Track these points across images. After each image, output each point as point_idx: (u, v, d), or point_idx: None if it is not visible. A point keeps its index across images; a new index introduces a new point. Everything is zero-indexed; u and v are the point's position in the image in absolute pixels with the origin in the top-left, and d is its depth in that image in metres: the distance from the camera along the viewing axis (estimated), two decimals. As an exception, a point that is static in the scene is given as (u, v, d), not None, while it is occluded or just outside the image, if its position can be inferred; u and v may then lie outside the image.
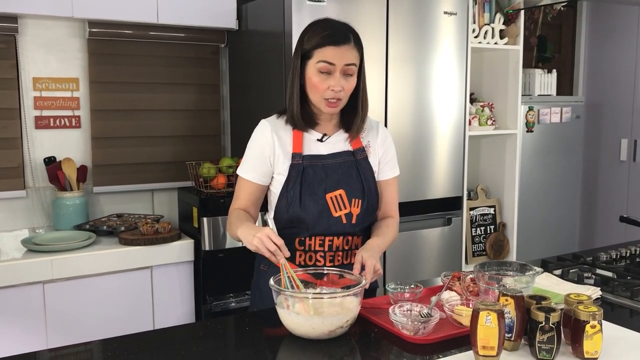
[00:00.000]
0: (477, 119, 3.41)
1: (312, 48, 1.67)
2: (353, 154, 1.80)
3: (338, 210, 1.74)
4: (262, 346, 1.46)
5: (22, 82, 2.79)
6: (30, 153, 2.83)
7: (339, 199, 1.74)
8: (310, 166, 1.74)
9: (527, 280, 1.59)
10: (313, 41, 1.68)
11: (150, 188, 3.12)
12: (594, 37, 4.48)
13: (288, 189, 1.73)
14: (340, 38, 1.67)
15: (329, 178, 1.74)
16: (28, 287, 2.38)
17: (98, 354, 1.45)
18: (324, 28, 1.69)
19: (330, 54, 1.66)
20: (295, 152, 1.74)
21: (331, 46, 1.66)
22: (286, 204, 1.73)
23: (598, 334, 1.31)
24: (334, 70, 1.67)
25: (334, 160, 1.77)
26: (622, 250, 2.22)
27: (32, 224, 2.86)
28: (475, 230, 3.57)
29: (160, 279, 2.66)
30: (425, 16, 2.92)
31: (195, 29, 3.07)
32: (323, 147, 1.78)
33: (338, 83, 1.67)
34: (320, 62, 1.66)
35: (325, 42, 1.66)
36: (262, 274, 1.83)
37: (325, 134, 1.79)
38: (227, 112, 3.32)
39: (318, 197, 1.72)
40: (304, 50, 1.70)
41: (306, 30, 1.73)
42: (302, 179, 1.72)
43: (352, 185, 1.76)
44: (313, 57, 1.68)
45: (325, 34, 1.67)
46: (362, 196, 1.78)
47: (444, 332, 1.45)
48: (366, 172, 1.80)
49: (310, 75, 1.69)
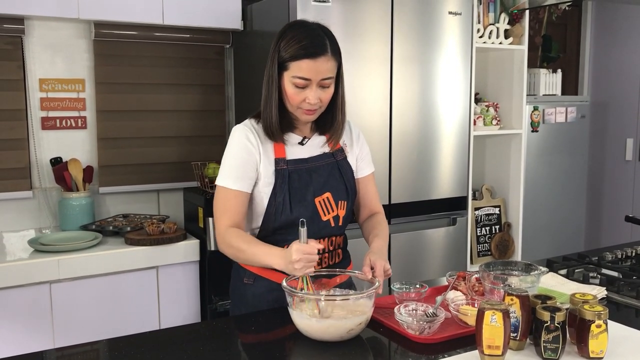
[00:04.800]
0: (482, 118, 3.40)
1: (288, 59, 1.62)
2: (333, 156, 1.79)
3: (327, 213, 1.73)
4: (268, 346, 1.46)
5: (29, 83, 2.81)
6: (37, 154, 2.84)
7: (326, 202, 1.73)
8: (295, 171, 1.71)
9: (533, 279, 1.59)
10: (289, 51, 1.61)
11: (156, 188, 3.13)
12: (599, 36, 4.47)
13: (276, 196, 1.68)
14: (318, 49, 1.60)
15: (314, 181, 1.72)
16: (35, 287, 2.39)
17: (104, 353, 1.45)
18: (300, 38, 1.61)
19: (306, 68, 1.60)
20: (278, 158, 1.70)
21: (307, 59, 1.60)
22: (275, 212, 1.69)
23: (603, 334, 1.31)
24: (310, 83, 1.62)
25: (317, 163, 1.75)
26: (627, 250, 2.22)
27: (38, 224, 2.88)
28: (480, 230, 3.57)
29: (166, 279, 2.67)
30: (429, 16, 2.92)
31: (200, 30, 3.08)
32: (304, 151, 1.75)
33: (314, 95, 1.63)
34: (295, 78, 1.62)
35: (301, 54, 1.60)
36: (246, 287, 1.77)
37: (305, 136, 1.77)
38: (232, 113, 3.32)
39: (307, 202, 1.70)
40: (280, 59, 1.64)
41: (281, 36, 1.66)
42: (289, 185, 1.69)
43: (336, 187, 1.76)
44: (289, 70, 1.62)
45: (301, 45, 1.60)
46: (347, 197, 1.78)
47: (449, 332, 1.45)
48: (347, 173, 1.80)
49: (285, 86, 1.65)
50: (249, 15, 3.06)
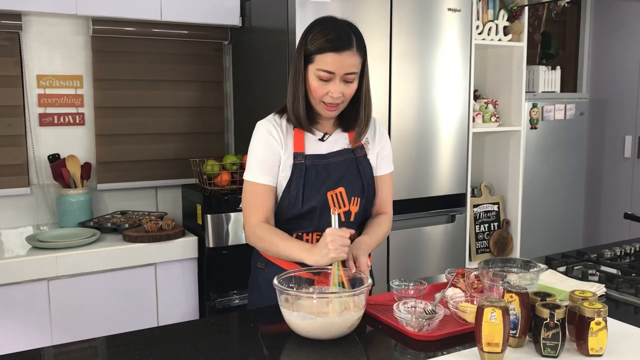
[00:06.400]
0: (481, 115, 3.40)
1: (314, 52, 1.64)
2: (353, 152, 1.80)
3: (337, 208, 1.73)
4: (267, 343, 1.46)
5: (26, 80, 2.80)
6: (35, 150, 2.83)
7: (338, 196, 1.74)
8: (312, 166, 1.73)
9: (532, 277, 1.58)
10: (315, 44, 1.64)
11: (154, 185, 3.12)
12: (598, 33, 4.47)
13: (291, 189, 1.71)
14: (343, 43, 1.63)
15: (330, 177, 1.74)
16: (33, 284, 2.39)
17: (102, 350, 1.45)
18: (327, 31, 1.64)
19: (331, 62, 1.63)
20: (297, 152, 1.73)
21: (332, 53, 1.62)
22: (288, 204, 1.72)
23: (603, 331, 1.31)
24: (334, 77, 1.65)
25: (335, 159, 1.76)
26: (626, 247, 2.22)
27: (36, 221, 2.87)
28: (479, 227, 3.57)
29: (164, 276, 2.67)
30: (429, 13, 2.92)
31: (198, 26, 3.07)
32: (323, 146, 1.77)
33: (337, 90, 1.65)
34: (320, 71, 1.64)
35: (327, 47, 1.62)
36: (259, 272, 1.81)
37: (326, 132, 1.79)
38: (230, 110, 3.32)
39: (320, 195, 1.72)
40: (306, 51, 1.67)
41: (309, 30, 1.69)
42: (304, 179, 1.71)
43: (352, 183, 1.76)
44: (314, 62, 1.65)
45: (328, 39, 1.63)
46: (362, 194, 1.78)
47: (448, 329, 1.44)
48: (365, 170, 1.80)
49: (309, 79, 1.67)
50: (247, 12, 3.05)
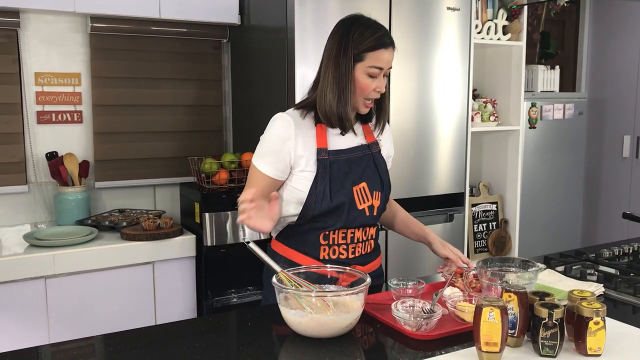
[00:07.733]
0: (479, 115, 3.40)
1: (365, 50, 1.68)
2: (369, 147, 1.83)
3: (362, 202, 1.76)
4: (265, 342, 1.45)
5: (24, 77, 2.79)
6: (32, 148, 2.83)
7: (362, 191, 1.77)
8: (335, 161, 1.74)
9: (530, 276, 1.58)
10: (366, 43, 1.68)
11: (152, 183, 3.12)
12: (597, 33, 4.47)
13: (317, 186, 1.72)
14: (390, 40, 1.71)
15: (352, 171, 1.76)
16: (30, 282, 2.38)
17: (100, 349, 1.44)
18: (374, 29, 1.70)
19: (384, 58, 1.69)
20: (320, 148, 1.73)
21: (384, 49, 1.69)
22: (315, 201, 1.72)
23: (601, 331, 1.31)
24: (380, 73, 1.71)
25: (354, 155, 1.79)
26: (624, 247, 2.21)
27: (34, 219, 2.86)
28: (477, 227, 3.57)
29: (162, 274, 2.66)
30: (428, 12, 2.91)
31: (197, 24, 3.07)
32: (343, 141, 1.79)
33: (382, 84, 1.73)
34: (372, 67, 1.69)
35: (379, 45, 1.68)
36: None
37: None
38: (229, 108, 3.31)
39: (346, 189, 1.74)
40: (355, 50, 1.69)
41: (352, 29, 1.70)
42: (330, 174, 1.72)
43: (372, 178, 1.80)
44: (365, 60, 1.69)
45: (377, 36, 1.69)
46: (381, 188, 1.82)
47: (447, 329, 1.44)
48: (381, 165, 1.84)
49: (358, 77, 1.70)
50: (246, 10, 3.04)
